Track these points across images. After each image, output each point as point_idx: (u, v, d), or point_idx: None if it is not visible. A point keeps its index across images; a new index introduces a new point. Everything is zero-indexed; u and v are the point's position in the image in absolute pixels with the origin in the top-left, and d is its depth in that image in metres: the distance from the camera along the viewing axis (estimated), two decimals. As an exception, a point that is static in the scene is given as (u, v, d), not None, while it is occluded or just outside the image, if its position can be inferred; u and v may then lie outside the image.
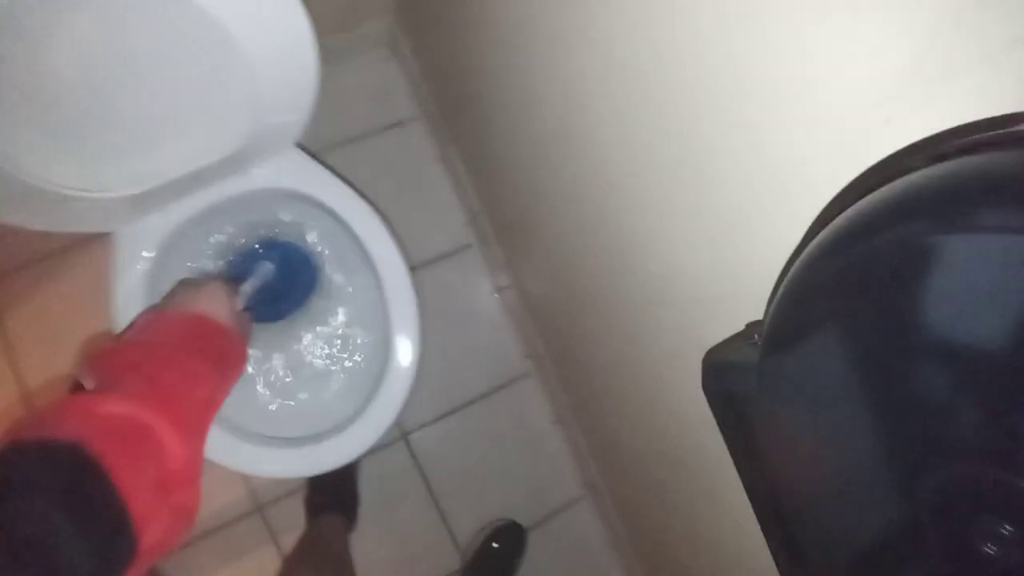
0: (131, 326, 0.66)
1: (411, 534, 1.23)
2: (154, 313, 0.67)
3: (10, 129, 0.61)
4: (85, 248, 1.15)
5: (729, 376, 0.41)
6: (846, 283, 0.30)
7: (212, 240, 0.93)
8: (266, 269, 0.89)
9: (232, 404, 0.85)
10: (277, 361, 0.96)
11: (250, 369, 0.94)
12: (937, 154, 0.29)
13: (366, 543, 1.14)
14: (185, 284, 0.74)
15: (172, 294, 0.72)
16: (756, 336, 0.43)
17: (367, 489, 1.20)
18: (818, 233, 0.32)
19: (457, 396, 1.27)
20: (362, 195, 0.88)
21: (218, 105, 0.71)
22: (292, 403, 0.95)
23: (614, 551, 1.25)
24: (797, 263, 0.33)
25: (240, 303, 0.76)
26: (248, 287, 0.82)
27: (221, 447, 0.81)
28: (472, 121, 1.08)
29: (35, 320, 1.13)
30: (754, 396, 0.38)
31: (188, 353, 0.58)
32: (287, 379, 0.96)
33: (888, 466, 0.32)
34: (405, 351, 0.86)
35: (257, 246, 0.94)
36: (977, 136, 0.29)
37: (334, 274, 0.98)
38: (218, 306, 0.67)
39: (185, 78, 0.66)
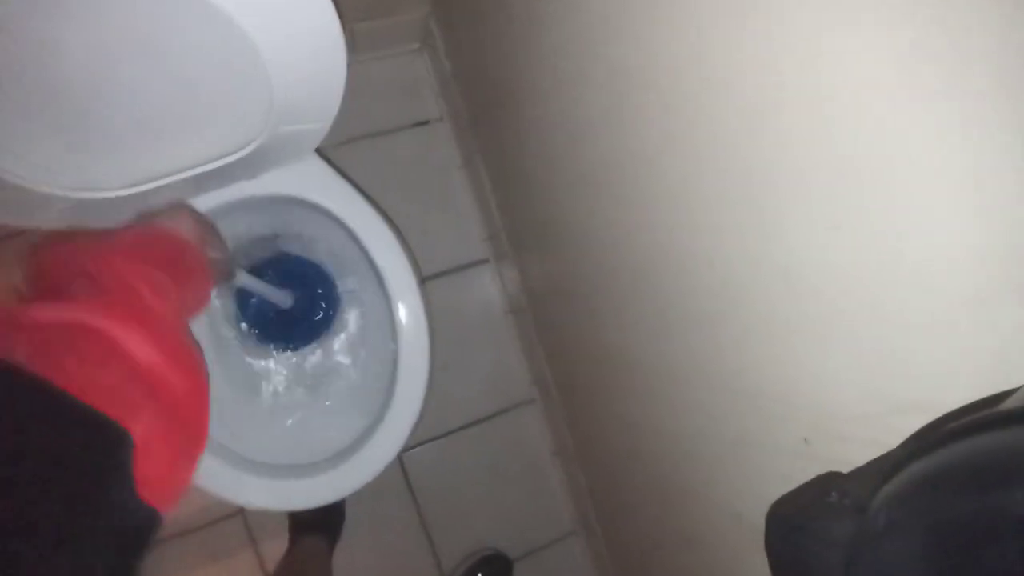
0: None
1: (395, 555, 1.18)
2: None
3: (14, 127, 0.55)
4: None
5: (806, 543, 0.35)
6: None
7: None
8: (282, 295, 0.83)
9: (229, 427, 0.80)
10: (276, 380, 0.89)
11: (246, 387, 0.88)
12: None
13: (348, 560, 1.10)
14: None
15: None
16: (834, 494, 0.37)
17: (353, 503, 1.15)
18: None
19: (456, 416, 1.21)
20: (379, 210, 0.81)
21: (229, 107, 0.64)
22: (291, 425, 0.88)
23: (602, 592, 1.20)
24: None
25: (220, 252, 0.69)
26: (255, 283, 0.77)
27: (211, 473, 0.75)
28: (504, 131, 1.00)
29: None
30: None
31: (135, 251, 0.52)
32: (287, 399, 0.89)
33: None
34: (412, 388, 0.80)
35: (287, 255, 0.87)
36: None
37: (343, 288, 0.91)
38: (182, 224, 0.62)
39: (193, 75, 0.59)
